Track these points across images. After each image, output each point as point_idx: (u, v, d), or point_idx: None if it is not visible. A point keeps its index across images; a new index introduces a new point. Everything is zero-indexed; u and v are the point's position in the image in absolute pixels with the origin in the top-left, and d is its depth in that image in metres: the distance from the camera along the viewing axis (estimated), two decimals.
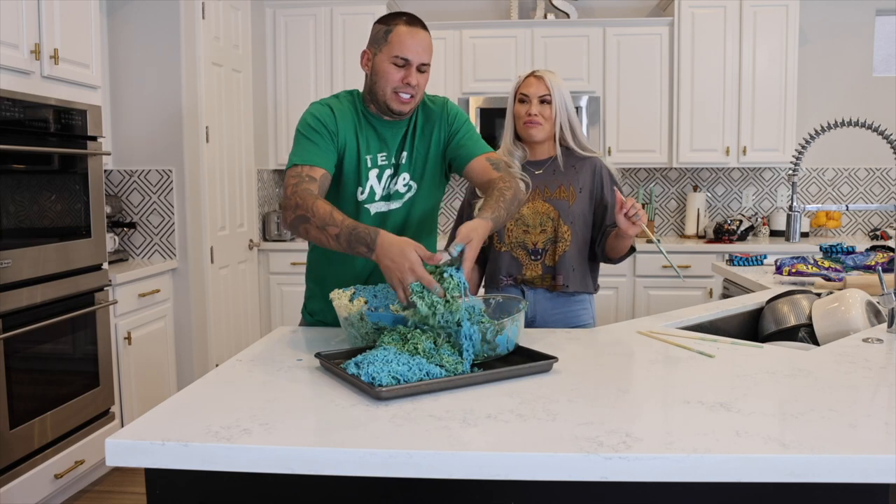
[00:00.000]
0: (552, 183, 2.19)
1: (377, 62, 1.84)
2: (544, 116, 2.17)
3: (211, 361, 3.91)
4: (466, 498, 1.20)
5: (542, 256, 2.17)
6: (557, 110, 2.18)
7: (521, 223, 2.18)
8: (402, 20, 1.82)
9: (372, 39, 1.86)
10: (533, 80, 2.21)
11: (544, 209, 2.17)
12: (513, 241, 2.19)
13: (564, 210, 2.16)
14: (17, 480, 2.63)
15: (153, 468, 1.15)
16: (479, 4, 5.07)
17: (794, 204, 2.02)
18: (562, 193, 2.17)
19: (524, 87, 2.22)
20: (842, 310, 2.01)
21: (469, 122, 1.98)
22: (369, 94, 1.89)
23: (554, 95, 2.17)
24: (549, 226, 2.17)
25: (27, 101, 2.70)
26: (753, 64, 4.63)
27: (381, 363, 1.37)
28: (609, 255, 2.19)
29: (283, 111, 4.80)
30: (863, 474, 1.05)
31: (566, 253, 2.15)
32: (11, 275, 2.61)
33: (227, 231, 4.18)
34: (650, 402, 1.33)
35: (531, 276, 2.17)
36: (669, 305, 4.08)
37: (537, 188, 2.18)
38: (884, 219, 5.07)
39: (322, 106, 1.88)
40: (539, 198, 2.18)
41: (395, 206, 1.94)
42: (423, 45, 1.83)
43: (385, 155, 1.91)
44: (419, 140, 1.93)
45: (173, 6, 3.63)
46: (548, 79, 2.19)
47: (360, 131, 1.89)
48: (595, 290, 2.26)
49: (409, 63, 1.81)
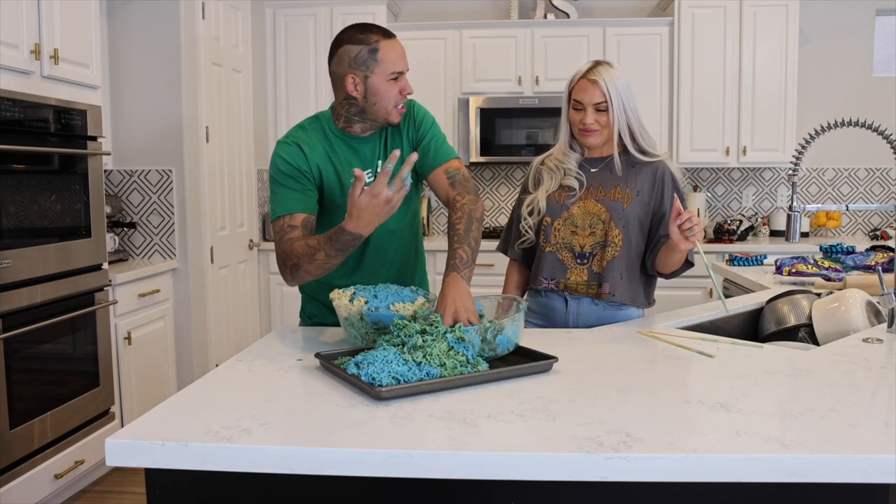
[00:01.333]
0: (608, 182, 2.03)
1: (373, 84, 1.80)
2: (601, 124, 1.98)
3: (211, 361, 3.91)
4: (466, 498, 1.20)
5: (588, 261, 2.01)
6: (616, 117, 1.97)
7: (570, 223, 2.03)
8: (380, 35, 1.81)
9: (353, 62, 1.80)
10: (587, 84, 1.97)
11: (595, 209, 2.01)
12: (559, 242, 2.04)
13: (617, 212, 1.99)
14: (17, 480, 2.63)
15: (153, 468, 1.15)
16: (479, 4, 5.07)
17: (794, 204, 2.02)
18: (616, 194, 2.01)
19: (578, 91, 1.99)
20: (842, 310, 2.01)
21: (435, 125, 1.96)
22: (340, 117, 1.87)
23: (612, 101, 1.95)
24: (599, 228, 2.00)
25: (27, 101, 2.70)
26: (753, 64, 4.63)
27: (381, 363, 1.37)
28: (660, 269, 2.02)
29: (283, 111, 4.80)
30: (863, 474, 1.05)
31: (615, 259, 1.98)
32: (11, 275, 2.61)
33: (227, 231, 4.18)
34: (650, 402, 1.33)
35: (575, 282, 2.02)
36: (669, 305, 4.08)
37: (590, 187, 2.03)
38: (884, 219, 5.07)
39: (289, 146, 1.86)
40: (591, 197, 2.02)
41: None
42: (404, 53, 1.85)
43: (370, 171, 1.91)
44: (391, 145, 1.93)
45: (173, 6, 3.63)
46: (604, 81, 1.95)
47: (335, 156, 1.88)
48: (649, 304, 2.10)
49: (402, 74, 1.83)
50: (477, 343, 1.51)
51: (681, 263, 1.97)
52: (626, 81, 1.97)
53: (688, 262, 1.99)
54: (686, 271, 2.02)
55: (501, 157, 4.70)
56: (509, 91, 4.74)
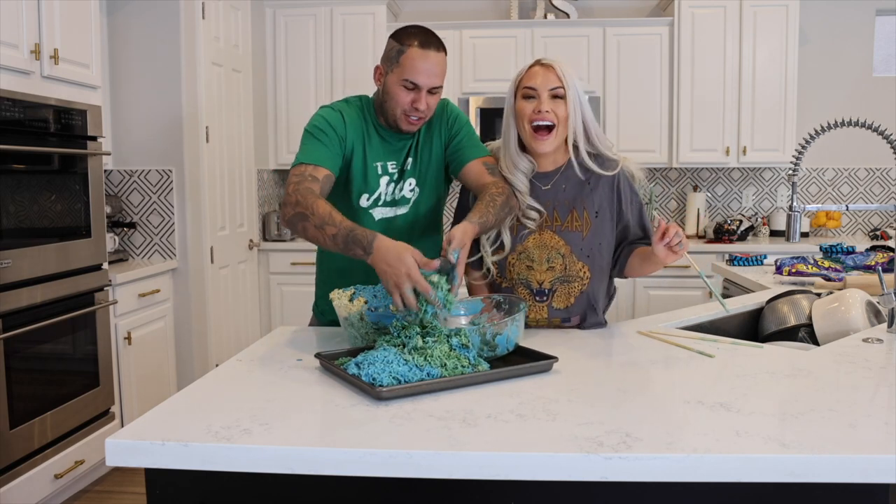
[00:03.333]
0: (562, 206, 1.84)
1: (388, 82, 1.81)
2: (557, 115, 1.77)
3: (211, 361, 3.91)
4: (466, 498, 1.20)
5: (548, 297, 1.85)
6: (573, 108, 1.77)
7: (525, 257, 1.84)
8: (416, 41, 1.78)
9: (385, 56, 1.83)
10: (539, 69, 1.79)
11: (552, 242, 1.83)
12: (514, 278, 1.86)
13: (577, 244, 1.83)
14: (17, 480, 2.63)
15: (153, 468, 1.15)
16: (479, 4, 5.07)
17: (794, 204, 2.02)
18: (574, 222, 1.83)
19: (529, 77, 1.80)
20: (842, 310, 2.01)
21: (469, 124, 1.97)
22: (379, 108, 1.88)
23: (568, 89, 1.76)
24: (559, 262, 1.83)
25: (27, 101, 2.70)
26: (753, 64, 4.63)
27: (382, 363, 1.37)
28: (629, 275, 1.92)
29: (283, 111, 4.80)
30: (863, 474, 1.05)
31: (583, 293, 1.85)
32: (11, 275, 2.61)
33: (227, 231, 4.18)
34: (650, 402, 1.33)
35: (534, 319, 1.87)
36: (669, 305, 4.08)
37: (546, 216, 1.84)
38: (884, 219, 5.07)
39: (333, 110, 1.86)
40: (547, 228, 1.84)
41: (402, 212, 1.94)
42: (436, 70, 1.79)
43: (395, 164, 1.91)
44: (423, 145, 1.93)
45: (173, 6, 3.63)
46: (559, 67, 1.77)
47: (369, 140, 1.88)
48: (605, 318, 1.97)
49: (419, 87, 1.78)
50: (477, 343, 1.51)
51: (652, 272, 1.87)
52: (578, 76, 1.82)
53: None
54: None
55: None
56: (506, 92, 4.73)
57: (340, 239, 1.61)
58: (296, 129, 4.68)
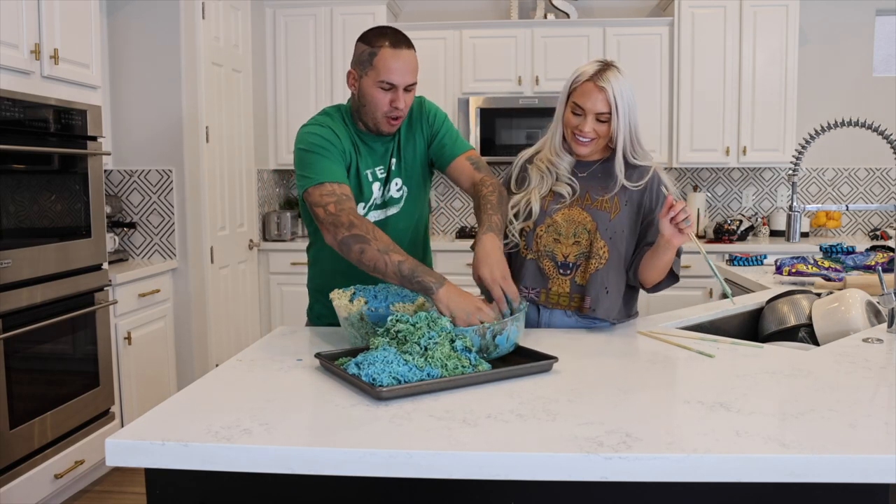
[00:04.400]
0: (595, 190, 1.90)
1: (363, 85, 1.82)
2: (598, 134, 1.84)
3: (211, 361, 3.91)
4: (466, 498, 1.20)
5: (572, 272, 1.89)
6: (618, 129, 1.82)
7: (553, 230, 1.90)
8: (386, 42, 1.78)
9: (356, 60, 1.83)
10: (594, 90, 1.80)
11: (581, 218, 1.88)
12: (541, 250, 1.91)
13: (604, 223, 1.87)
14: (17, 480, 2.63)
15: (153, 468, 1.15)
16: (479, 4, 5.07)
17: (794, 204, 2.02)
18: (604, 204, 1.88)
19: (581, 95, 1.82)
20: (842, 310, 2.01)
21: (447, 119, 1.99)
22: (357, 114, 1.89)
23: (618, 113, 1.80)
24: (584, 238, 1.88)
25: (27, 101, 2.70)
26: (753, 64, 4.63)
27: (382, 363, 1.37)
28: (643, 279, 1.90)
29: (283, 111, 4.80)
30: (863, 474, 1.05)
31: (599, 272, 1.87)
32: (11, 275, 2.61)
33: (227, 231, 4.18)
34: (650, 402, 1.33)
35: (556, 293, 1.90)
36: (669, 305, 4.07)
37: (576, 193, 1.91)
38: (884, 219, 5.07)
39: (322, 127, 1.85)
40: (577, 205, 1.89)
41: (393, 212, 1.95)
42: (409, 67, 1.80)
43: (382, 168, 1.92)
44: (405, 145, 1.95)
45: (173, 6, 3.63)
46: (612, 90, 1.78)
47: (358, 149, 1.89)
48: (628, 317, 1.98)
49: (395, 87, 1.79)
50: (478, 343, 1.51)
51: (667, 269, 1.86)
52: (632, 90, 1.83)
53: (672, 275, 1.90)
54: (670, 286, 1.92)
55: (501, 157, 4.70)
56: (509, 91, 4.74)
57: (406, 269, 1.62)
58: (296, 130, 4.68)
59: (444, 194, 5.18)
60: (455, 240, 4.81)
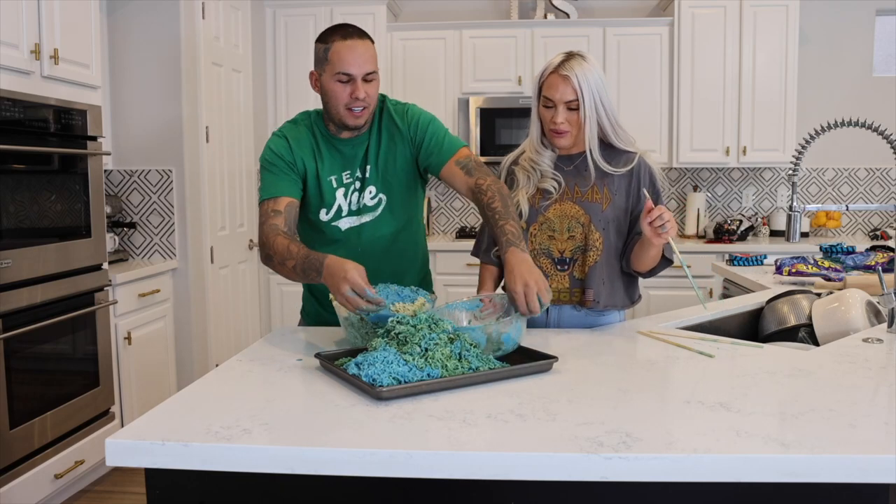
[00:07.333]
0: (583, 182, 1.92)
1: (324, 83, 1.85)
2: (571, 123, 1.88)
3: (211, 361, 3.91)
4: (466, 498, 1.20)
5: (569, 266, 1.91)
6: (587, 117, 1.86)
7: (547, 227, 1.92)
8: (338, 35, 1.81)
9: (315, 60, 1.87)
10: (558, 80, 1.85)
11: (573, 212, 1.91)
12: (537, 248, 1.93)
13: (597, 214, 1.90)
14: (17, 480, 2.63)
15: (153, 468, 1.15)
16: (479, 4, 5.07)
17: (794, 204, 2.02)
18: (594, 195, 1.91)
19: (548, 88, 1.88)
20: (842, 310, 2.01)
21: (434, 122, 1.95)
22: (327, 115, 1.91)
23: (584, 99, 1.84)
24: (579, 231, 1.90)
25: (27, 101, 2.70)
26: (753, 64, 4.63)
27: (382, 364, 1.37)
28: (636, 267, 1.93)
29: (283, 111, 4.80)
30: (863, 474, 1.05)
31: (596, 264, 1.90)
32: (11, 275, 2.61)
33: (227, 231, 4.18)
34: (650, 402, 1.33)
35: (556, 290, 1.92)
36: (669, 305, 4.08)
37: (566, 188, 1.93)
38: (884, 219, 5.07)
39: (278, 138, 1.94)
40: (568, 199, 1.92)
41: (368, 220, 1.94)
42: (364, 56, 1.81)
43: (349, 173, 1.92)
44: (385, 152, 1.92)
45: (173, 6, 3.63)
46: (576, 77, 1.83)
47: (319, 154, 1.91)
48: (633, 304, 2.01)
49: (353, 78, 1.81)
50: (483, 343, 1.51)
51: (657, 260, 1.89)
52: (599, 75, 1.86)
53: (665, 260, 1.91)
54: (665, 269, 1.94)
55: (501, 157, 4.66)
56: (509, 91, 4.74)
57: (299, 268, 1.68)
58: None
59: (444, 194, 5.18)
60: (455, 240, 4.81)
